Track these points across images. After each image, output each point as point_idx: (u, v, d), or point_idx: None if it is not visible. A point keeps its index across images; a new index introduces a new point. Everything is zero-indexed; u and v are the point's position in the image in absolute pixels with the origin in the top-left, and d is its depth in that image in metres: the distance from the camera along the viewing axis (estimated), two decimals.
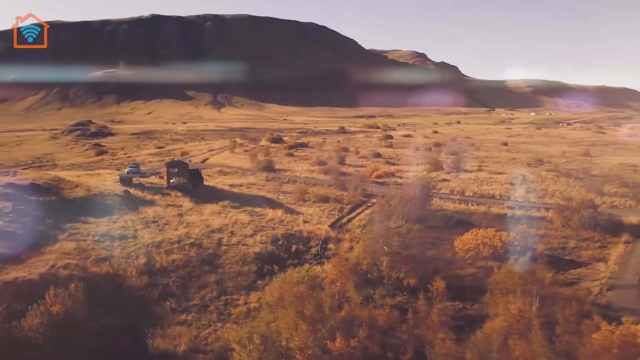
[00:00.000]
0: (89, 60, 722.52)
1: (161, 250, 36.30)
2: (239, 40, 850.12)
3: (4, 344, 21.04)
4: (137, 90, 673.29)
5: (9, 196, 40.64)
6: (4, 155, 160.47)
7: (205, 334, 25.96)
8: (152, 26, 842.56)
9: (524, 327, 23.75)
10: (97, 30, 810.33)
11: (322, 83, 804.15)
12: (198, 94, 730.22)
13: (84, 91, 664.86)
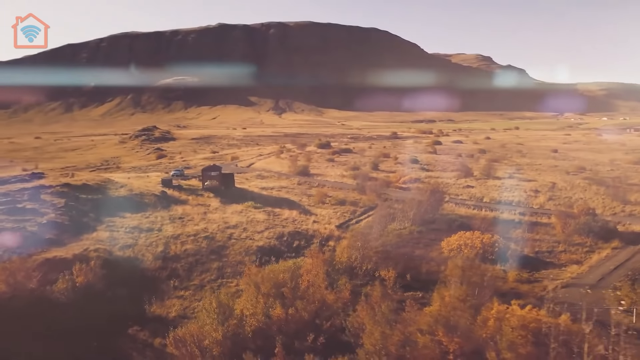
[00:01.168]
0: (160, 68, 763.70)
1: (178, 241, 43.57)
2: (301, 47, 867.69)
3: (40, 301, 28.72)
4: (204, 96, 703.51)
5: (63, 194, 49.75)
6: (78, 158, 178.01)
7: (195, 306, 32.52)
8: (219, 35, 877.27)
9: (449, 310, 28.39)
10: (168, 40, 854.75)
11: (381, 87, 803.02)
12: (261, 99, 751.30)
13: (155, 97, 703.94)
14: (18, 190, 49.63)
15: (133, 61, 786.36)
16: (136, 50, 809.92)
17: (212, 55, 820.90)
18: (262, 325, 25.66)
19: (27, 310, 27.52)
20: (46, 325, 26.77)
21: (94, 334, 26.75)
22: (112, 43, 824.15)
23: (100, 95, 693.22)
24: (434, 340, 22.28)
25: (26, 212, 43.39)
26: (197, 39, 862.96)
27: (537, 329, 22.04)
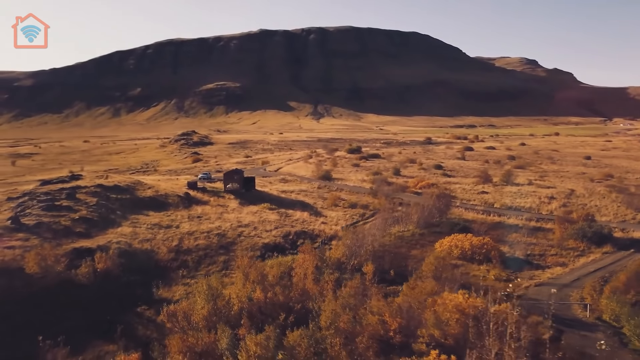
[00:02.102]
0: (203, 73, 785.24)
1: (191, 237, 48.90)
2: (340, 52, 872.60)
3: (66, 282, 34.38)
4: (244, 101, 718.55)
5: (96, 194, 56.18)
6: (121, 160, 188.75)
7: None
8: (260, 41, 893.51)
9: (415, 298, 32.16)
10: (210, 46, 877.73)
11: (422, 92, 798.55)
12: (299, 104, 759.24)
13: (197, 102, 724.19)
14: (58, 190, 56.39)
15: (177, 67, 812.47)
16: (180, 56, 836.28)
17: (253, 61, 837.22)
18: (245, 306, 30.23)
19: (55, 288, 33.24)
20: (69, 301, 32.34)
21: (108, 310, 32.05)
22: (157, 49, 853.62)
23: (146, 100, 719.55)
24: (379, 320, 26.25)
25: (62, 208, 49.82)
26: (238, 44, 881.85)
27: (469, 313, 25.60)
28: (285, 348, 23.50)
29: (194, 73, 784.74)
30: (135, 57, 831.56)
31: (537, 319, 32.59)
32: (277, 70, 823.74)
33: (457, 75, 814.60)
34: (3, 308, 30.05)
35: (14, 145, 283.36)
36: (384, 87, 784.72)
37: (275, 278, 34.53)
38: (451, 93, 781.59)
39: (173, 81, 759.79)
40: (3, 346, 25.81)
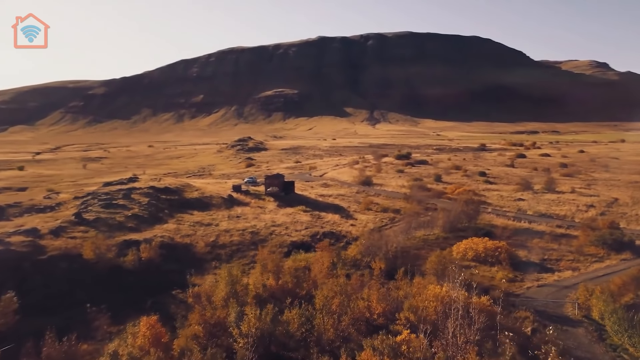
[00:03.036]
0: (262, 80, 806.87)
1: (228, 234, 54.79)
2: (398, 57, 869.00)
3: (116, 268, 40.96)
4: (301, 107, 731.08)
5: (148, 194, 63.57)
6: (180, 165, 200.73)
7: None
8: (318, 48, 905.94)
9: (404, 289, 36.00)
10: (270, 53, 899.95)
11: (482, 97, 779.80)
12: (356, 110, 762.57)
13: (256, 109, 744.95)
14: (116, 191, 64.24)
15: (238, 74, 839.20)
16: (241, 64, 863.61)
17: (311, 68, 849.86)
18: (259, 291, 35.29)
19: (106, 272, 39.85)
20: (117, 282, 38.75)
21: (148, 291, 38.11)
22: (219, 58, 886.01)
23: (208, 107, 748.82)
24: (367, 305, 30.49)
25: (118, 207, 57.27)
26: (297, 52, 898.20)
27: (446, 302, 29.30)
28: (281, 323, 28.28)
29: (254, 80, 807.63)
30: (199, 66, 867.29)
31: (525, 314, 35.47)
32: (334, 77, 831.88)
33: (519, 80, 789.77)
34: (65, 285, 36.84)
35: (87, 149, 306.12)
36: (442, 92, 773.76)
37: (291, 269, 39.45)
38: (513, 98, 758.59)
39: (233, 88, 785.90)
40: (64, 313, 32.22)
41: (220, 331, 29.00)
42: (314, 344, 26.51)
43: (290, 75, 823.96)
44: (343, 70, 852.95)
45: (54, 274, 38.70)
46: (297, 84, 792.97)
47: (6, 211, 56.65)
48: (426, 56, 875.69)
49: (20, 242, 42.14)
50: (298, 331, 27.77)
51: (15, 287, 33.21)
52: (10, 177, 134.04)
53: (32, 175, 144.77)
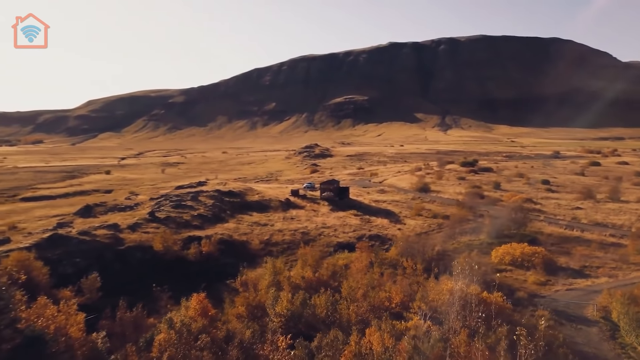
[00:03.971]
0: (332, 87, 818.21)
1: (280, 233, 60.44)
2: (472, 62, 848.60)
3: (180, 259, 47.66)
4: (371, 113, 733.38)
5: (213, 197, 70.83)
6: (250, 170, 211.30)
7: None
8: (388, 53, 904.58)
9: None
10: (340, 61, 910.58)
11: (562, 101, 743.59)
12: (427, 116, 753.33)
13: (326, 116, 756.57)
14: (186, 193, 72.06)
15: (309, 82, 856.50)
16: (312, 71, 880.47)
17: (381, 74, 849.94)
18: (298, 281, 40.25)
19: (172, 262, 46.57)
20: (180, 271, 45.29)
21: (205, 279, 44.19)
22: (291, 66, 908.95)
23: (280, 114, 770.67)
24: (387, 295, 34.52)
25: (186, 207, 64.73)
26: (368, 58, 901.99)
27: (460, 298, 32.65)
28: (310, 306, 33.02)
29: (324, 87, 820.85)
30: (271, 74, 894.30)
31: (542, 313, 37.72)
32: (405, 83, 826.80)
33: (604, 83, 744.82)
34: (138, 271, 43.93)
35: (166, 155, 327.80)
36: (518, 97, 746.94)
37: (329, 265, 44.21)
38: (597, 102, 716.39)
39: (304, 96, 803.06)
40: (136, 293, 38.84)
41: (260, 312, 34.23)
42: (336, 324, 30.96)
43: (360, 81, 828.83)
44: (414, 76, 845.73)
45: (130, 261, 46.14)
46: (367, 90, 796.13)
47: (94, 209, 65.83)
48: (501, 59, 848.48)
49: (103, 235, 50.13)
50: (323, 313, 32.36)
51: (98, 271, 40.44)
52: (99, 181, 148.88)
53: (117, 178, 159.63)
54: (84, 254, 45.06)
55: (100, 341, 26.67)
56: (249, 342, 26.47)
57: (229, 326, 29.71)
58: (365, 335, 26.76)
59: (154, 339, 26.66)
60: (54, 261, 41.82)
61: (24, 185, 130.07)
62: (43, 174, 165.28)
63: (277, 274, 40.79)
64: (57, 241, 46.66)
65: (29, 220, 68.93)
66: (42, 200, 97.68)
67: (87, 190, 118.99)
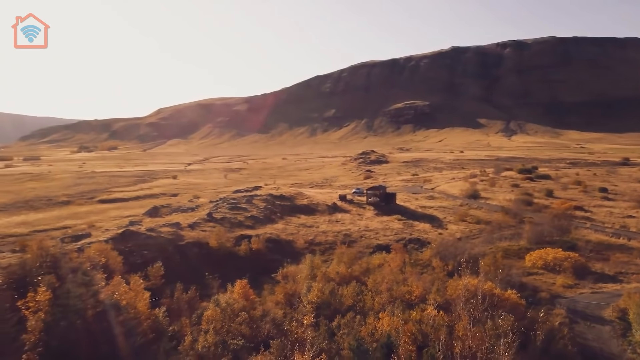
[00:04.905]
0: (393, 93, 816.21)
1: (324, 235, 65.50)
2: (539, 65, 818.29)
3: (232, 254, 53.89)
4: (432, 119, 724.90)
5: (265, 200, 77.18)
6: (307, 176, 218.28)
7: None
8: (451, 58, 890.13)
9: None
10: (401, 66, 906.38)
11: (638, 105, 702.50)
12: (490, 121, 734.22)
13: (386, 121, 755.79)
14: (241, 197, 78.92)
15: (369, 88, 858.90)
16: (372, 77, 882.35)
17: (443, 79, 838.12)
18: (332, 276, 45.09)
19: (224, 256, 52.81)
20: (231, 265, 51.38)
21: (253, 272, 49.95)
22: (351, 72, 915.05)
23: (339, 120, 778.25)
24: (408, 289, 38.66)
25: (240, 209, 71.33)
26: (429, 63, 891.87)
27: (471, 290, 36.26)
28: (338, 296, 37.80)
29: (384, 93, 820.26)
30: (332, 81, 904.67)
31: (559, 311, 40.25)
32: (468, 87, 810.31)
33: None
34: (195, 263, 50.55)
35: (229, 161, 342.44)
36: (590, 100, 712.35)
37: (362, 263, 48.78)
38: None
39: (364, 102, 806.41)
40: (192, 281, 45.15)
41: (295, 300, 39.37)
42: (359, 311, 35.51)
43: (421, 87, 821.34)
44: (477, 80, 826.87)
45: (188, 255, 52.90)
46: (428, 95, 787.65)
47: (160, 210, 73.97)
48: (571, 62, 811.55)
49: (167, 232, 57.38)
50: (349, 302, 37.04)
51: (162, 261, 47.21)
52: (166, 185, 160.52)
53: (183, 183, 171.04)
54: (151, 247, 52.39)
55: (161, 315, 32.83)
56: (280, 320, 31.74)
57: (265, 307, 35.12)
58: (380, 318, 31.24)
59: (203, 315, 32.53)
60: (126, 252, 49.25)
61: (100, 188, 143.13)
62: (117, 179, 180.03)
63: (314, 268, 45.88)
64: (129, 236, 54.33)
65: (105, 220, 77.88)
66: (116, 202, 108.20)
67: (156, 194, 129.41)
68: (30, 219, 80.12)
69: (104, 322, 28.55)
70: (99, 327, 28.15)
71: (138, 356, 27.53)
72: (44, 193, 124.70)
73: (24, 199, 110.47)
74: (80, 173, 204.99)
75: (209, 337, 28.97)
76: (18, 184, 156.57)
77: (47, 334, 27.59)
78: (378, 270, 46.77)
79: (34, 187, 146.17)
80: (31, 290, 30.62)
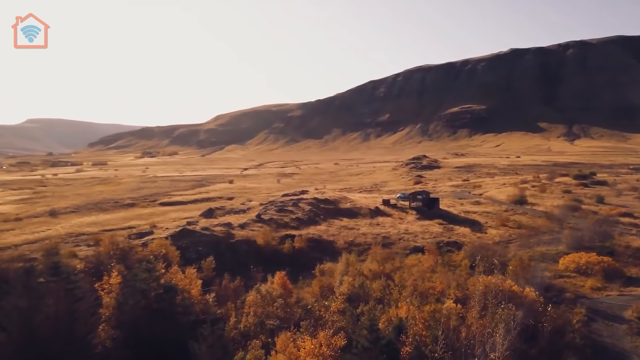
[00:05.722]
0: (448, 97, 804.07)
1: (363, 236, 69.58)
2: (605, 66, 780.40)
3: (277, 251, 59.21)
4: (489, 123, 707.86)
5: (310, 203, 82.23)
6: (357, 181, 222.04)
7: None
8: (509, 60, 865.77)
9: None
10: (457, 70, 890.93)
11: None
12: (551, 125, 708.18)
13: (441, 126, 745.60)
14: (288, 200, 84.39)
15: (424, 92, 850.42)
16: (427, 82, 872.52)
17: (501, 82, 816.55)
18: (365, 272, 49.21)
19: (269, 253, 58.15)
20: (276, 261, 56.60)
21: (294, 268, 54.86)
22: (406, 77, 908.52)
23: (393, 125, 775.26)
24: (432, 284, 42.22)
25: (287, 211, 76.71)
26: (486, 66, 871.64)
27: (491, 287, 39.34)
28: (366, 288, 41.97)
29: (439, 97, 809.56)
30: (386, 85, 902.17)
31: (579, 310, 42.40)
32: (527, 90, 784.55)
33: None
34: (243, 258, 56.16)
35: (283, 166, 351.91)
36: None
37: (394, 262, 52.59)
38: None
39: (419, 106, 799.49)
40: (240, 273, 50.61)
41: (329, 292, 43.87)
42: (386, 303, 39.53)
43: (478, 90, 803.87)
44: (537, 83, 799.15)
45: (237, 251, 58.74)
46: (485, 99, 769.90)
47: (214, 212, 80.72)
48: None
49: (219, 231, 63.59)
50: (376, 295, 41.13)
51: (214, 257, 53.10)
52: (223, 189, 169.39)
53: (238, 187, 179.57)
54: (204, 244, 58.67)
55: (211, 300, 38.33)
56: (311, 306, 36.38)
57: (299, 295, 39.89)
58: (399, 307, 35.21)
59: (246, 300, 37.75)
60: (182, 248, 55.66)
61: (162, 192, 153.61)
62: (177, 183, 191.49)
63: (349, 266, 50.18)
64: (186, 234, 60.89)
65: (165, 221, 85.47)
66: (176, 205, 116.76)
67: (213, 197, 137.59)
68: (99, 220, 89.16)
69: (163, 302, 34.19)
70: (159, 306, 33.80)
71: (190, 331, 32.89)
72: (111, 196, 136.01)
73: (93, 202, 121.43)
74: (143, 177, 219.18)
75: (249, 318, 34.12)
76: (88, 188, 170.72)
77: (118, 310, 33.64)
78: (408, 268, 50.40)
79: (102, 190, 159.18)
80: (105, 275, 37.03)
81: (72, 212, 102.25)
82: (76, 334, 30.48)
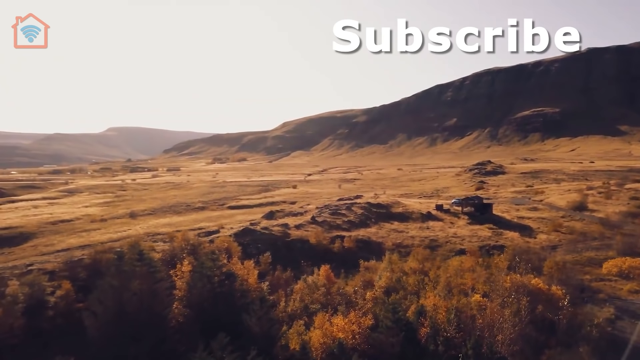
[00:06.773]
0: (519, 100, 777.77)
1: (411, 239, 73.90)
2: None
3: (328, 250, 65.07)
4: (563, 127, 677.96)
5: (363, 207, 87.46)
6: (418, 187, 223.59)
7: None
8: (586, 60, 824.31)
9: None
10: (529, 72, 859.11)
11: None
12: (633, 128, 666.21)
13: (511, 130, 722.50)
14: (343, 204, 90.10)
15: (493, 96, 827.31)
16: (496, 85, 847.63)
17: (577, 83, 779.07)
18: (406, 270, 53.87)
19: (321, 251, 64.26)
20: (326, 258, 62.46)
21: (343, 265, 60.21)
22: (474, 80, 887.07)
23: (460, 130, 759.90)
24: (463, 280, 46.31)
25: (340, 214, 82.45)
26: (561, 67, 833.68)
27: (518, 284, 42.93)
28: (403, 283, 46.80)
29: (509, 101, 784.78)
30: (453, 89, 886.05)
31: (608, 309, 44.84)
32: (606, 92, 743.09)
33: None
34: (297, 255, 62.64)
35: (346, 172, 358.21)
36: None
37: (436, 261, 56.84)
38: None
39: (487, 110, 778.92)
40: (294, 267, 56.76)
41: (370, 286, 49.09)
42: (420, 295, 44.22)
43: (551, 93, 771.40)
44: (617, 84, 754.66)
45: (292, 248, 65.28)
46: (559, 102, 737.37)
47: (275, 214, 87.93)
48: None
49: (277, 230, 70.51)
50: (411, 289, 45.86)
51: (271, 253, 59.84)
52: (287, 194, 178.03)
53: (301, 192, 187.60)
54: (263, 241, 65.88)
55: (265, 287, 44.75)
56: (348, 293, 41.88)
57: (340, 286, 45.47)
58: (427, 297, 39.92)
59: (294, 289, 43.89)
60: (244, 245, 63.10)
61: (230, 196, 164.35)
62: (245, 187, 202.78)
63: (392, 264, 55.04)
64: (247, 232, 68.40)
65: (232, 222, 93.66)
66: (243, 208, 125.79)
67: (277, 201, 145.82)
68: (173, 221, 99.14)
69: (225, 287, 40.94)
70: (221, 290, 40.58)
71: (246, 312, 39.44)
72: (183, 200, 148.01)
73: (168, 205, 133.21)
74: (213, 182, 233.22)
75: (295, 303, 40.24)
76: (163, 192, 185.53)
77: (188, 292, 40.84)
78: (445, 267, 54.48)
79: (175, 194, 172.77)
80: (178, 264, 44.59)
81: (149, 214, 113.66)
82: (155, 309, 37.78)
